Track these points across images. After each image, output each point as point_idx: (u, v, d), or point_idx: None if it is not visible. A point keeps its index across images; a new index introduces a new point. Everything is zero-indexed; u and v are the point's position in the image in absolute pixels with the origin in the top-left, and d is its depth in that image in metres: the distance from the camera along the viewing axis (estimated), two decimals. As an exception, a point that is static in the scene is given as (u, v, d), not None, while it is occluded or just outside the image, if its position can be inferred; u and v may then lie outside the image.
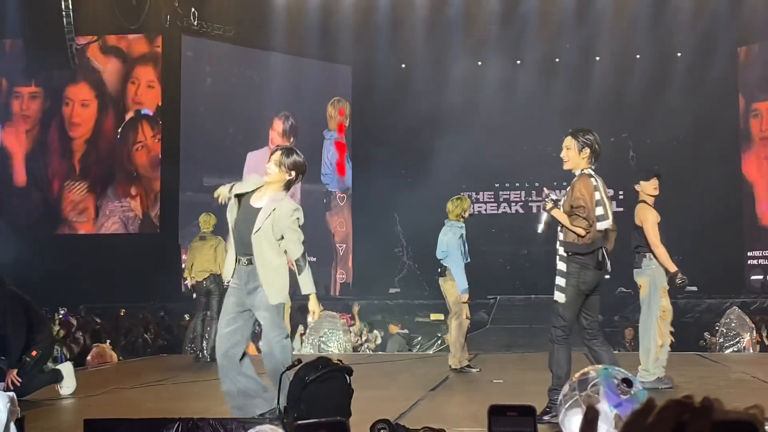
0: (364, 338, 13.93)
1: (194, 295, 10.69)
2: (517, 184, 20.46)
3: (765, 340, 12.01)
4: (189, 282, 10.60)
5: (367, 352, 13.20)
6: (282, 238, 5.38)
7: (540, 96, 18.66)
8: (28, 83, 18.79)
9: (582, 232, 5.63)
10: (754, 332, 11.51)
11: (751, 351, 11.14)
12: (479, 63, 19.87)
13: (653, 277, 7.18)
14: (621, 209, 18.01)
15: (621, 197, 17.48)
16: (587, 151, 5.81)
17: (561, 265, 5.74)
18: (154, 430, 4.67)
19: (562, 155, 5.95)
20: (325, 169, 20.26)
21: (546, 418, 5.53)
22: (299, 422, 1.19)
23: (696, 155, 17.93)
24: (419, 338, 14.88)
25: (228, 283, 5.64)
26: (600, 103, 18.22)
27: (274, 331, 5.35)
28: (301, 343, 12.70)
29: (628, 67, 18.95)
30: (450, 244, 8.60)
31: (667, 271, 7.24)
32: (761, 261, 18.12)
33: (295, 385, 4.37)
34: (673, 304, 15.82)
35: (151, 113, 18.73)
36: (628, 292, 16.86)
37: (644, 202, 7.34)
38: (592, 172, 5.80)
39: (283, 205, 5.39)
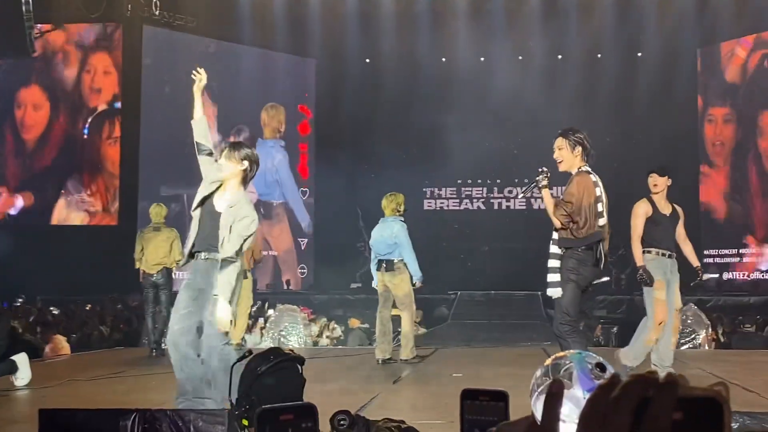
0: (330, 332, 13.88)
1: (143, 288, 10.36)
2: (479, 181, 20.54)
3: (721, 337, 12.18)
4: (141, 273, 10.32)
5: (328, 346, 13.18)
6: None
7: (504, 93, 18.73)
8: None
9: (558, 223, 5.72)
10: (710, 329, 11.67)
11: (707, 348, 11.29)
12: (443, 59, 19.92)
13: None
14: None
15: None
16: (579, 149, 5.91)
17: (554, 263, 5.82)
18: (111, 421, 4.61)
19: (555, 156, 6.00)
20: (265, 178, 19.71)
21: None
22: (265, 407, 1.17)
23: (654, 156, 18.12)
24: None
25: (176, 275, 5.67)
26: (563, 101, 18.33)
27: (217, 339, 5.32)
28: (261, 336, 12.64)
29: (590, 65, 19.11)
30: (399, 236, 8.76)
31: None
32: (717, 260, 18.39)
33: (247, 376, 4.34)
34: (629, 302, 16.09)
35: (118, 106, 18.56)
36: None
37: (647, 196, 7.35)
38: (590, 169, 5.88)
39: (241, 212, 5.39)
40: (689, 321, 11.54)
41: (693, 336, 11.50)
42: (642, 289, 6.93)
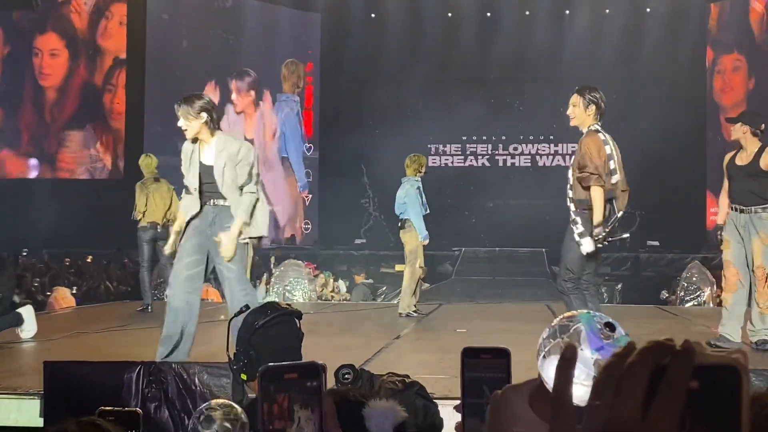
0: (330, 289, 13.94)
1: (140, 242, 10.16)
2: (484, 138, 20.45)
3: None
4: (141, 224, 10.07)
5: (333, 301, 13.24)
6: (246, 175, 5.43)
7: (509, 49, 18.60)
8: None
9: (599, 191, 5.70)
10: (715, 287, 11.68)
11: (711, 305, 11.31)
12: (449, 14, 19.73)
13: None
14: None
15: (587, 152, 17.55)
16: (593, 108, 5.89)
17: (581, 217, 5.82)
18: (116, 373, 4.64)
19: (568, 112, 6.02)
20: (284, 129, 19.91)
21: None
22: (269, 365, 1.14)
23: (662, 112, 18.01)
24: (384, 288, 14.92)
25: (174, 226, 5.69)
26: (569, 57, 18.20)
27: (238, 285, 5.36)
28: (266, 292, 12.68)
29: (598, 22, 18.92)
30: (408, 196, 8.96)
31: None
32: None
33: (244, 331, 4.33)
34: (634, 258, 16.13)
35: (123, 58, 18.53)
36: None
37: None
38: (600, 128, 5.87)
39: (232, 148, 5.42)
40: (694, 279, 11.57)
41: (698, 293, 11.53)
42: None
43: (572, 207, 5.92)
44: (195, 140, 5.51)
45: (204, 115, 5.40)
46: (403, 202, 9.03)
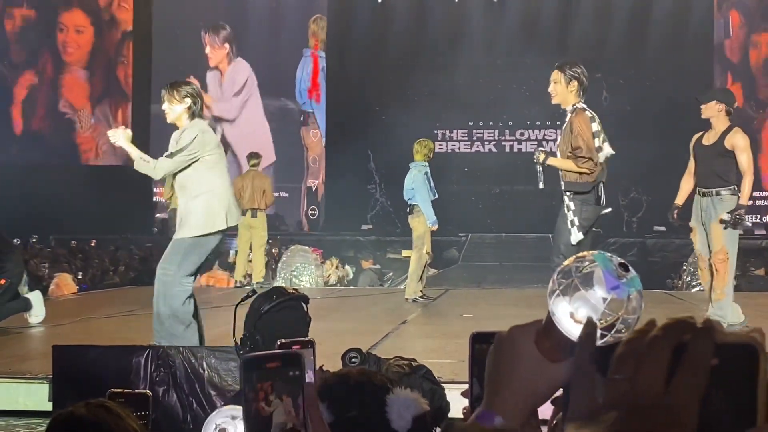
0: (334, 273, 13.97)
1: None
2: (491, 123, 20.39)
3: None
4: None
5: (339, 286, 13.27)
6: (188, 166, 5.40)
7: (517, 35, 18.53)
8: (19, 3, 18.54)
9: (588, 172, 5.62)
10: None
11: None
12: (456, 0, 19.66)
13: None
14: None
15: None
16: (575, 83, 5.75)
17: (571, 203, 5.72)
18: (124, 358, 4.66)
19: (549, 89, 5.90)
20: (302, 85, 20.11)
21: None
22: (249, 355, 1.15)
23: (670, 96, 17.93)
24: (390, 274, 14.94)
25: None
26: (576, 42, 18.13)
27: (164, 262, 5.40)
28: (273, 277, 12.72)
29: (605, 5, 18.82)
30: (416, 181, 8.96)
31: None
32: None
33: (251, 316, 4.35)
34: (640, 244, 16.08)
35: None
36: (597, 231, 17.02)
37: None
38: (585, 106, 5.76)
39: (177, 134, 5.49)
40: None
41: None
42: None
43: (565, 190, 5.81)
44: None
45: (188, 100, 5.44)
46: (411, 188, 9.02)
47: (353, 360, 3.44)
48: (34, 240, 14.79)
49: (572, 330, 0.91)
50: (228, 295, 10.23)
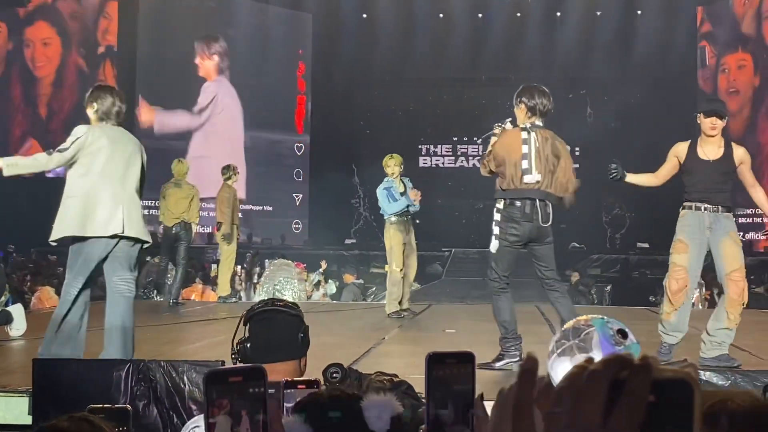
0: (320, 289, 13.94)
1: (163, 239, 10.67)
2: (475, 138, 20.46)
3: (715, 297, 12.25)
4: (162, 226, 10.63)
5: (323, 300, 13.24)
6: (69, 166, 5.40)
7: (501, 50, 18.64)
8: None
9: (482, 169, 6.07)
10: (704, 289, 11.73)
11: (700, 307, 11.37)
12: (441, 15, 19.75)
13: None
14: (577, 165, 18.16)
15: (578, 153, 17.57)
16: (522, 106, 5.96)
17: (495, 215, 5.90)
18: (105, 371, 4.63)
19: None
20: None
21: (498, 365, 5.67)
22: (212, 369, 1.15)
23: (654, 113, 18.06)
24: (374, 288, 14.93)
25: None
26: (561, 59, 18.25)
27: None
28: (254, 291, 12.69)
29: (590, 24, 18.96)
30: (379, 196, 9.22)
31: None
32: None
33: (238, 324, 4.33)
34: (623, 260, 16.15)
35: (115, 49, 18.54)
36: (580, 247, 17.11)
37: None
38: (529, 127, 5.87)
39: None
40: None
41: (686, 295, 11.58)
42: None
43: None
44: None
45: (94, 104, 5.48)
46: (380, 205, 9.23)
47: (334, 375, 3.44)
48: (12, 250, 14.67)
49: None
50: (209, 308, 10.21)
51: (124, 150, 5.44)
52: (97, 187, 5.31)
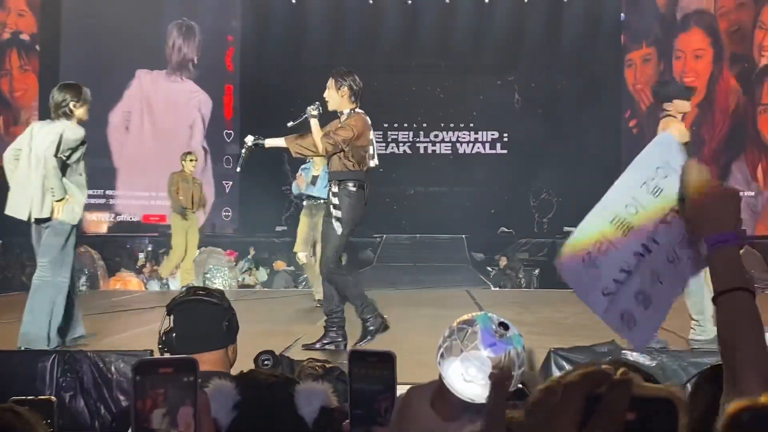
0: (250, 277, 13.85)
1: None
2: (406, 125, 20.52)
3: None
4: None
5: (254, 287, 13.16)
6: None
7: (431, 38, 18.69)
8: None
9: (320, 145, 6.00)
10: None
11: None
12: (371, 2, 19.72)
13: None
14: (505, 152, 18.38)
15: (506, 139, 17.75)
16: (345, 89, 6.01)
17: (334, 199, 5.82)
18: (29, 363, 4.54)
19: (324, 95, 6.06)
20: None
21: (318, 345, 5.82)
22: (140, 359, 1.12)
23: (580, 100, 18.31)
24: (305, 275, 14.88)
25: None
26: (489, 46, 18.39)
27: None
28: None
29: (518, 10, 19.13)
30: None
31: None
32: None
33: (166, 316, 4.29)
34: (551, 244, 16.37)
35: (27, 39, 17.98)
36: (509, 232, 17.33)
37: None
38: (363, 112, 5.94)
39: None
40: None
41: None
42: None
43: (331, 185, 5.99)
44: None
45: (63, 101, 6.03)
46: None
47: (266, 362, 3.42)
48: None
49: (464, 390, 0.92)
50: (136, 298, 10.06)
51: None
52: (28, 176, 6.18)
